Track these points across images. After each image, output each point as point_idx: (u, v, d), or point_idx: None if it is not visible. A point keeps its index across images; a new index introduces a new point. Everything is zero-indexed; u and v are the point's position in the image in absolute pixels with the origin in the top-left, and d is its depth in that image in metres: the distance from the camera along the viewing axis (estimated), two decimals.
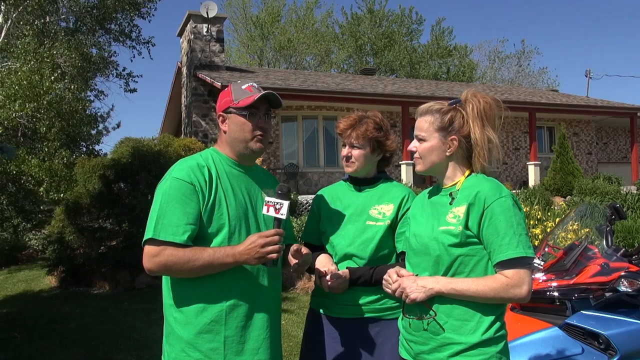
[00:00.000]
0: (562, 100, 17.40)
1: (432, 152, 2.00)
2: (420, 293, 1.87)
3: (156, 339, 2.14)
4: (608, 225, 3.57)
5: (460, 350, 1.88)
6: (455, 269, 1.90)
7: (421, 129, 2.02)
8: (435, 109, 2.01)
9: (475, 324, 1.88)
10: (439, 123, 1.98)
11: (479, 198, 1.89)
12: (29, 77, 9.00)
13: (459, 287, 1.86)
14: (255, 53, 29.23)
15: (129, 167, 8.64)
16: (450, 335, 1.89)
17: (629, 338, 3.01)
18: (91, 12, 14.39)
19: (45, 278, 9.26)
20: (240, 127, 2.08)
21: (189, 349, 1.97)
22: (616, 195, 11.20)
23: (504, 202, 1.87)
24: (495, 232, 1.85)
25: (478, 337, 1.87)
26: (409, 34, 32.18)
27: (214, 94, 13.50)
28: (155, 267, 1.93)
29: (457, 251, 1.89)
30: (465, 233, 1.88)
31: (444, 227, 1.93)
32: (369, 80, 17.26)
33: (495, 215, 1.85)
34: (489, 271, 1.90)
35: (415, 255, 2.02)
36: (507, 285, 1.82)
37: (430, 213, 2.03)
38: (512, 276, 1.83)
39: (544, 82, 33.88)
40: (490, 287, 1.83)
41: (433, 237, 1.94)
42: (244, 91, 2.09)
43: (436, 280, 1.89)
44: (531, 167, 15.25)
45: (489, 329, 1.88)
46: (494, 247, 1.85)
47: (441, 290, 1.87)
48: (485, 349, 1.87)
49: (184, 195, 1.95)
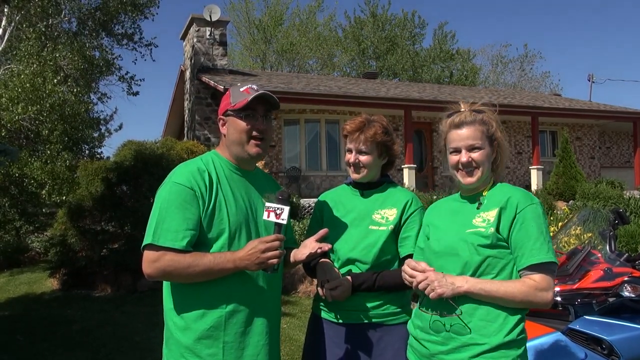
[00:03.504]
0: (564, 105, 17.38)
1: (489, 159, 2.03)
2: (447, 289, 1.87)
3: (158, 342, 2.13)
4: (611, 230, 3.56)
5: (483, 351, 1.87)
6: (483, 271, 1.91)
7: (475, 137, 2.01)
8: (479, 119, 2.04)
9: (499, 325, 1.88)
10: (487, 131, 2.03)
11: (510, 203, 1.93)
12: (31, 79, 9.03)
13: (488, 287, 1.86)
14: (258, 56, 29.27)
15: (132, 170, 8.64)
16: (473, 335, 1.89)
17: (632, 344, 3.00)
18: (94, 15, 14.43)
19: (47, 280, 9.26)
20: (237, 130, 2.06)
21: (188, 354, 1.96)
22: (619, 199, 11.17)
23: (535, 209, 1.93)
24: (526, 236, 1.88)
25: (501, 339, 1.87)
26: (411, 38, 32.20)
27: (216, 97, 13.52)
28: (155, 273, 1.93)
29: (487, 252, 1.90)
30: (496, 235, 1.91)
31: (472, 229, 1.95)
32: (372, 84, 17.27)
33: (527, 221, 1.90)
34: (514, 276, 1.92)
35: (439, 258, 2.00)
36: (536, 289, 1.86)
37: (452, 219, 2.05)
38: (541, 280, 1.86)
39: (547, 87, 33.92)
40: (519, 290, 1.85)
41: (461, 238, 1.95)
42: (241, 93, 2.07)
43: (465, 279, 1.89)
44: (534, 171, 15.23)
45: (512, 330, 1.89)
46: (524, 251, 1.88)
47: (470, 290, 1.87)
48: (508, 352, 1.87)
49: (183, 201, 1.93)
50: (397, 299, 2.24)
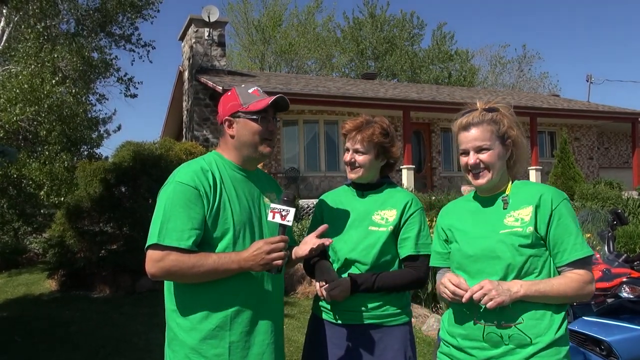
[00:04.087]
0: (563, 105, 17.42)
1: (500, 160, 1.99)
2: (505, 297, 1.82)
3: (157, 343, 2.13)
4: (609, 230, 3.57)
5: (537, 350, 1.84)
6: (527, 270, 1.89)
7: (483, 138, 1.98)
8: (488, 118, 1.99)
9: (548, 322, 1.87)
10: (497, 130, 1.99)
11: (544, 200, 1.92)
12: (30, 80, 9.02)
13: (543, 288, 1.85)
14: (256, 57, 29.27)
15: (130, 170, 8.63)
16: (525, 336, 1.86)
17: (631, 345, 3.00)
18: (92, 15, 14.42)
19: (45, 281, 9.25)
20: (251, 132, 2.07)
21: (194, 355, 1.95)
22: (617, 200, 11.19)
23: (567, 204, 1.94)
24: (566, 232, 1.89)
25: (552, 336, 1.86)
26: (410, 39, 32.22)
27: (215, 98, 13.52)
28: (159, 272, 1.92)
29: (528, 252, 1.89)
30: (535, 234, 1.90)
31: (507, 230, 1.92)
32: (370, 85, 17.27)
33: (564, 216, 1.90)
34: (552, 271, 1.91)
35: (476, 262, 1.95)
36: (584, 283, 1.87)
37: (477, 220, 2.02)
38: (585, 274, 1.88)
39: (545, 87, 33.95)
40: (570, 286, 1.86)
41: (499, 240, 1.91)
42: (251, 95, 2.08)
43: (519, 284, 1.85)
44: (532, 172, 15.25)
45: (561, 326, 1.89)
46: (565, 247, 1.88)
47: (526, 294, 1.84)
48: (559, 348, 1.87)
49: (188, 200, 1.93)
50: (396, 300, 2.24)
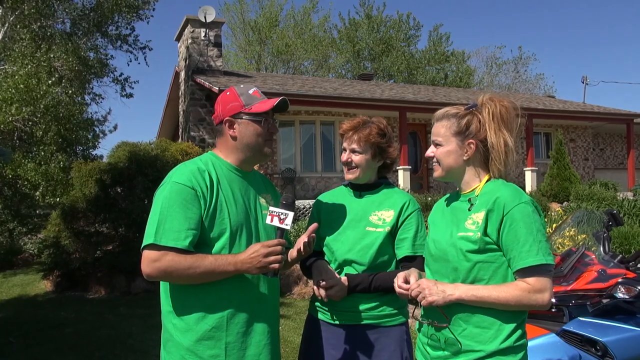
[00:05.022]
0: (558, 107, 17.46)
1: (450, 157, 1.97)
2: (438, 297, 1.82)
3: (153, 345, 2.12)
4: (605, 231, 3.57)
5: (478, 358, 1.85)
6: (474, 276, 1.87)
7: (438, 134, 1.99)
8: (451, 114, 1.98)
9: (494, 332, 1.85)
10: (456, 127, 1.96)
11: (498, 204, 1.85)
12: (25, 80, 8.99)
13: (480, 293, 1.82)
14: (253, 58, 29.25)
15: (126, 171, 8.62)
16: (468, 342, 1.87)
17: (626, 345, 3.01)
18: (88, 15, 14.38)
19: (40, 282, 9.22)
20: (255, 133, 2.06)
21: (189, 356, 1.94)
22: (613, 201, 11.22)
23: (523, 208, 1.84)
24: (515, 239, 1.82)
25: (496, 346, 1.84)
26: (406, 40, 32.26)
27: (211, 98, 13.49)
28: (155, 273, 1.91)
29: (475, 257, 1.86)
30: (484, 239, 1.86)
31: (462, 233, 1.90)
32: (367, 86, 17.29)
33: (516, 222, 1.82)
34: (508, 278, 1.86)
35: (435, 262, 1.99)
36: (529, 292, 1.80)
37: (449, 219, 2.01)
38: (534, 283, 1.80)
39: (541, 88, 34.03)
40: (511, 294, 1.80)
41: (451, 243, 1.92)
42: (252, 96, 2.07)
43: (456, 287, 1.85)
44: (528, 173, 15.29)
45: (508, 337, 1.85)
46: (514, 254, 1.82)
47: (461, 297, 1.82)
48: (504, 358, 1.84)
49: (185, 200, 1.92)
50: (393, 300, 2.24)
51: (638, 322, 3.16)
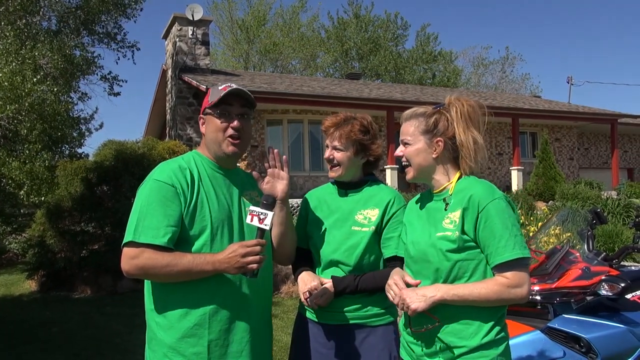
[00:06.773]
0: (544, 106, 17.61)
1: (419, 155, 2.00)
2: (421, 302, 1.84)
3: (139, 344, 2.11)
4: (589, 229, 3.61)
5: (462, 353, 1.89)
6: (455, 275, 1.90)
7: (407, 133, 2.03)
8: (419, 113, 2.03)
9: (476, 327, 1.89)
10: (424, 126, 2.00)
11: (472, 201, 1.88)
12: (10, 78, 8.87)
13: (461, 292, 1.85)
14: (240, 56, 29.15)
15: (112, 170, 8.56)
16: (451, 339, 1.90)
17: (609, 341, 3.04)
18: (75, 13, 14.23)
19: (25, 282, 9.12)
20: (214, 128, 2.06)
21: (172, 353, 1.94)
22: (597, 200, 11.36)
23: (497, 204, 1.87)
24: (491, 235, 1.85)
25: (478, 341, 1.88)
26: (394, 39, 32.35)
27: (198, 97, 13.44)
28: (133, 270, 1.90)
29: (455, 257, 1.89)
30: (462, 238, 1.88)
31: (441, 233, 1.92)
32: (355, 85, 17.31)
33: (491, 218, 1.85)
34: (488, 274, 1.90)
35: (415, 263, 2.01)
36: (508, 287, 1.84)
37: (426, 219, 2.02)
38: (512, 277, 1.84)
39: (527, 88, 34.32)
40: (492, 290, 1.84)
41: (431, 243, 1.94)
42: (219, 91, 2.06)
43: (437, 288, 1.87)
44: (514, 172, 15.41)
45: (489, 332, 1.90)
46: (491, 250, 1.86)
47: (443, 298, 1.85)
48: (486, 352, 1.88)
49: (164, 197, 1.92)
50: (380, 300, 2.22)
51: (621, 319, 3.20)
